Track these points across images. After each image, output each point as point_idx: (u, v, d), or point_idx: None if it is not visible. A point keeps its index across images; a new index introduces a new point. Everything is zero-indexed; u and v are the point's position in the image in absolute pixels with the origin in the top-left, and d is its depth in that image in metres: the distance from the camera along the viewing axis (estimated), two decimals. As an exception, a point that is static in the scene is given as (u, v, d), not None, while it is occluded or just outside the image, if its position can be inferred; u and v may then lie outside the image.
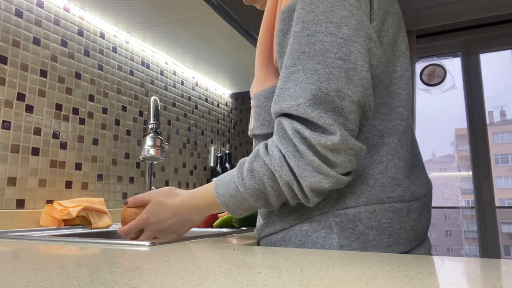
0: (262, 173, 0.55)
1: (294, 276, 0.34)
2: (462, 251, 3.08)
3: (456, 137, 3.94)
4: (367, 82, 0.53)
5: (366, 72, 0.53)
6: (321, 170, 0.51)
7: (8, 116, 1.03)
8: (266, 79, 0.65)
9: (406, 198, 0.58)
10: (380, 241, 0.56)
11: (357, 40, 0.53)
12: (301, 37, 0.55)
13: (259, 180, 0.56)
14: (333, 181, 0.52)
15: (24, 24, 1.09)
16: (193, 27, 1.42)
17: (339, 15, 0.53)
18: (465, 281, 0.33)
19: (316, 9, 0.54)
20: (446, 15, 2.27)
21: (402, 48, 0.65)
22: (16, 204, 1.03)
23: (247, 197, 0.58)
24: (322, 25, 0.53)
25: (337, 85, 0.51)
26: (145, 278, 0.33)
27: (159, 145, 1.21)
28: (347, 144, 0.50)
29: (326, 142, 0.49)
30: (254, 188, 0.56)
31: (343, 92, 0.51)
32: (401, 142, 0.61)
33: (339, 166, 0.51)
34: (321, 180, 0.51)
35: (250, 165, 0.57)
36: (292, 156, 0.52)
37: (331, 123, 0.50)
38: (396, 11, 0.66)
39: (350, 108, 0.51)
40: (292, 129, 0.52)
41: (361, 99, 0.52)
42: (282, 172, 0.53)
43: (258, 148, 0.58)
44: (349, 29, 0.53)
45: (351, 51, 0.52)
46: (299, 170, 0.52)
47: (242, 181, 0.57)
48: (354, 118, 0.52)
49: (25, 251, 0.53)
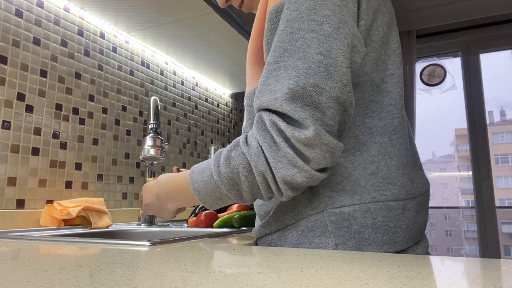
0: (238, 161, 0.55)
1: (294, 276, 0.34)
2: (462, 251, 3.08)
3: (456, 137, 3.94)
4: (346, 79, 0.53)
5: (346, 69, 0.53)
6: (295, 163, 0.51)
7: (8, 116, 1.03)
8: (256, 78, 0.66)
9: (401, 197, 0.58)
10: (375, 239, 0.56)
11: (338, 37, 0.53)
12: (284, 34, 0.55)
13: (234, 169, 0.55)
14: (307, 176, 0.52)
15: (24, 24, 1.09)
16: (193, 27, 1.42)
17: (322, 13, 0.54)
18: (465, 281, 0.33)
19: (299, 7, 0.55)
20: (446, 15, 2.27)
21: (394, 47, 0.65)
22: (16, 204, 1.03)
23: (220, 185, 0.57)
24: (305, 22, 0.54)
25: (315, 80, 0.51)
26: (145, 278, 0.33)
27: (159, 145, 1.21)
28: (321, 139, 0.50)
29: (299, 136, 0.50)
30: (228, 177, 0.56)
31: (320, 87, 0.51)
32: (392, 141, 0.61)
33: (312, 161, 0.51)
34: (295, 173, 0.51)
35: (228, 153, 0.57)
36: (269, 147, 0.52)
37: (306, 117, 0.50)
38: (388, 10, 0.66)
39: (328, 103, 0.51)
40: (270, 122, 0.53)
41: (339, 94, 0.52)
42: (258, 162, 0.53)
43: (238, 139, 0.58)
44: (331, 26, 0.53)
45: (331, 47, 0.53)
46: (274, 161, 0.52)
47: (217, 168, 0.57)
48: (332, 113, 0.52)
49: (25, 251, 0.53)
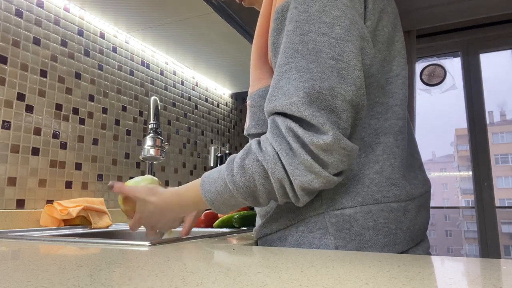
0: (253, 169, 0.54)
1: (294, 276, 0.34)
2: (462, 251, 3.08)
3: (456, 137, 3.94)
4: (360, 81, 0.53)
5: (359, 71, 0.53)
6: (313, 169, 0.51)
7: (8, 116, 1.03)
8: (261, 78, 0.65)
9: (403, 198, 0.58)
10: (376, 241, 0.56)
11: (349, 39, 0.53)
12: (294, 36, 0.55)
13: (250, 177, 0.55)
14: (324, 181, 0.51)
15: (24, 24, 1.09)
16: (193, 27, 1.42)
17: (332, 15, 0.53)
18: (465, 281, 0.33)
19: (309, 9, 0.55)
20: (446, 15, 2.27)
21: (398, 47, 0.65)
22: (16, 204, 1.03)
23: (236, 194, 0.57)
24: (315, 25, 0.54)
25: (330, 84, 0.51)
26: (145, 278, 0.33)
27: (159, 145, 1.21)
28: (339, 144, 0.50)
29: (318, 142, 0.49)
30: (244, 185, 0.55)
31: (336, 91, 0.51)
32: (397, 141, 0.61)
33: (331, 166, 0.51)
34: (312, 179, 0.51)
35: (241, 162, 0.56)
36: (285, 154, 0.51)
37: (324, 122, 0.49)
38: (392, 10, 0.66)
39: (343, 107, 0.51)
40: (286, 127, 0.52)
41: (354, 98, 0.52)
42: (276, 169, 0.52)
43: (250, 145, 0.57)
44: (342, 28, 0.53)
45: (343, 51, 0.52)
46: (291, 168, 0.51)
47: (232, 177, 0.56)
48: (347, 117, 0.52)
49: (25, 251, 0.53)
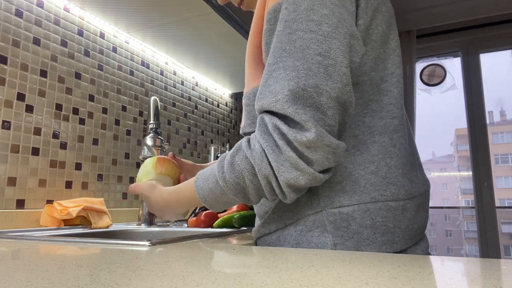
0: (242, 166, 0.55)
1: (294, 276, 0.34)
2: (462, 251, 3.08)
3: (456, 137, 3.94)
4: (346, 78, 0.53)
5: (345, 69, 0.53)
6: (298, 166, 0.51)
7: (8, 116, 1.03)
8: (255, 78, 0.66)
9: (401, 197, 0.58)
10: (374, 239, 0.56)
11: (337, 37, 0.53)
12: (283, 35, 0.55)
13: (239, 174, 0.55)
14: (310, 178, 0.52)
15: (24, 24, 1.09)
16: (193, 27, 1.42)
17: (320, 13, 0.54)
18: (465, 281, 0.33)
19: (298, 8, 0.55)
20: (446, 15, 2.27)
21: (393, 46, 0.65)
22: (16, 204, 1.03)
23: (226, 191, 0.58)
24: (303, 23, 0.54)
25: (315, 81, 0.51)
26: (145, 278, 0.33)
27: (159, 145, 1.21)
28: (323, 141, 0.50)
29: (302, 139, 0.49)
30: (234, 182, 0.56)
31: (321, 88, 0.51)
32: (392, 141, 0.61)
33: (316, 163, 0.51)
34: (298, 176, 0.51)
35: (231, 159, 0.57)
36: (272, 151, 0.52)
37: (307, 119, 0.50)
38: (387, 9, 0.66)
39: (328, 104, 0.51)
40: (272, 125, 0.53)
41: (339, 95, 0.52)
42: (262, 166, 0.53)
43: (240, 142, 0.58)
44: (329, 26, 0.53)
45: (330, 48, 0.52)
46: (277, 165, 0.52)
47: (222, 174, 0.57)
48: (333, 114, 0.52)
49: (25, 251, 0.53)
